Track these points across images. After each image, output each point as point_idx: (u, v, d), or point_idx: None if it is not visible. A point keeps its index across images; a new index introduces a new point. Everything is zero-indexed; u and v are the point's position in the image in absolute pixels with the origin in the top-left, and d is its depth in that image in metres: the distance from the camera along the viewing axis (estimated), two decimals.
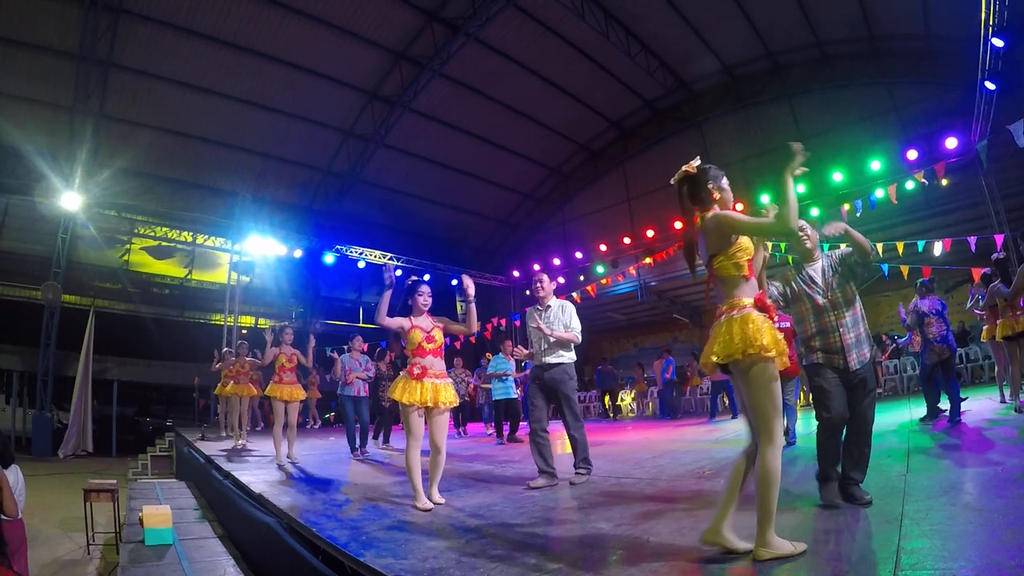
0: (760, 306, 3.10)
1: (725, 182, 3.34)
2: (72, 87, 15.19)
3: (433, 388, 5.03)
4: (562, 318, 6.05)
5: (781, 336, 3.07)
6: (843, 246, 4.24)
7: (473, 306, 5.40)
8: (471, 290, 5.32)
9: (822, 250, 4.32)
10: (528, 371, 7.98)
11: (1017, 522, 3.09)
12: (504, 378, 11.62)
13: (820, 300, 4.09)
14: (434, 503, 4.91)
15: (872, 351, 4.07)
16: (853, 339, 4.01)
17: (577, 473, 5.79)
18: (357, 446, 9.26)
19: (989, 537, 2.95)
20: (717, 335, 3.10)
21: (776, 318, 3.20)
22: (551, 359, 5.96)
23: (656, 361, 17.29)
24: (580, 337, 6.07)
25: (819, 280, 4.14)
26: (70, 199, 15.69)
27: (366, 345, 10.26)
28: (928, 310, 8.01)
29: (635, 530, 3.80)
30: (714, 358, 3.09)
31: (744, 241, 3.15)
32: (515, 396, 11.73)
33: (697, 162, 3.33)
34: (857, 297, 4.12)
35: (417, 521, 4.43)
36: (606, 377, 18.44)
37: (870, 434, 4.03)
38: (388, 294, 5.16)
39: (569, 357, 6.02)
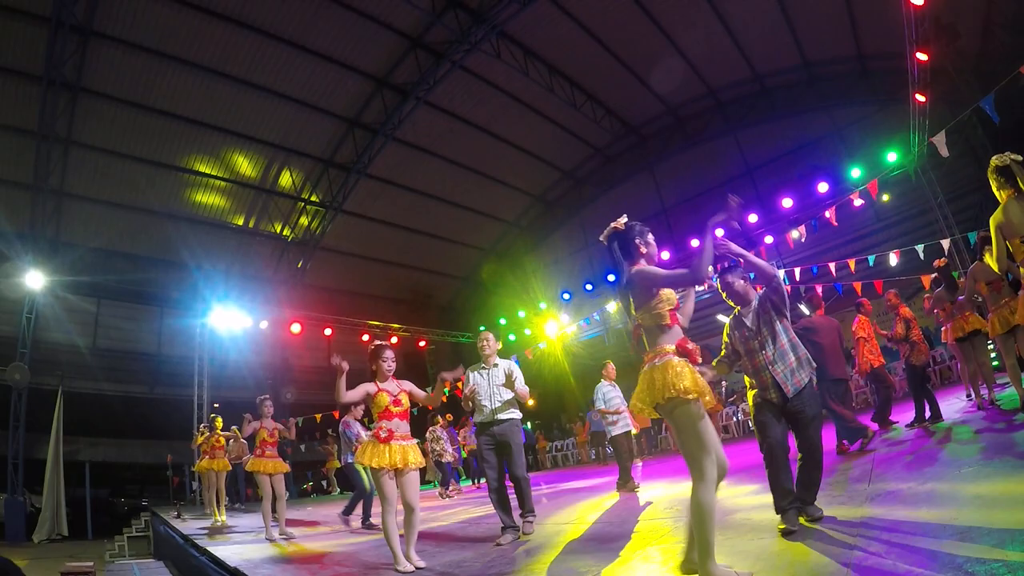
0: (681, 352, 3.27)
1: (651, 237, 3.63)
2: (33, 165, 15.12)
3: (401, 450, 5.03)
4: (511, 377, 6.12)
5: (703, 379, 3.28)
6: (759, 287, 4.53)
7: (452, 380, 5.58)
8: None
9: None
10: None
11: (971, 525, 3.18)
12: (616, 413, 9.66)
13: (751, 343, 4.37)
14: (414, 566, 4.88)
15: (811, 376, 4.31)
16: (783, 371, 4.24)
17: (526, 522, 6.00)
18: (362, 517, 8.82)
19: (941, 541, 3.04)
20: (642, 382, 3.32)
21: (700, 361, 3.36)
22: (504, 415, 6.08)
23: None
24: (528, 395, 6.26)
25: (749, 323, 4.42)
26: (34, 278, 15.47)
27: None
28: (911, 316, 8.36)
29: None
30: (639, 404, 3.33)
31: (666, 293, 3.37)
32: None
33: (624, 219, 3.62)
34: (783, 331, 4.34)
35: None
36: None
37: (820, 459, 4.26)
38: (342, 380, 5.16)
39: (518, 413, 6.23)
